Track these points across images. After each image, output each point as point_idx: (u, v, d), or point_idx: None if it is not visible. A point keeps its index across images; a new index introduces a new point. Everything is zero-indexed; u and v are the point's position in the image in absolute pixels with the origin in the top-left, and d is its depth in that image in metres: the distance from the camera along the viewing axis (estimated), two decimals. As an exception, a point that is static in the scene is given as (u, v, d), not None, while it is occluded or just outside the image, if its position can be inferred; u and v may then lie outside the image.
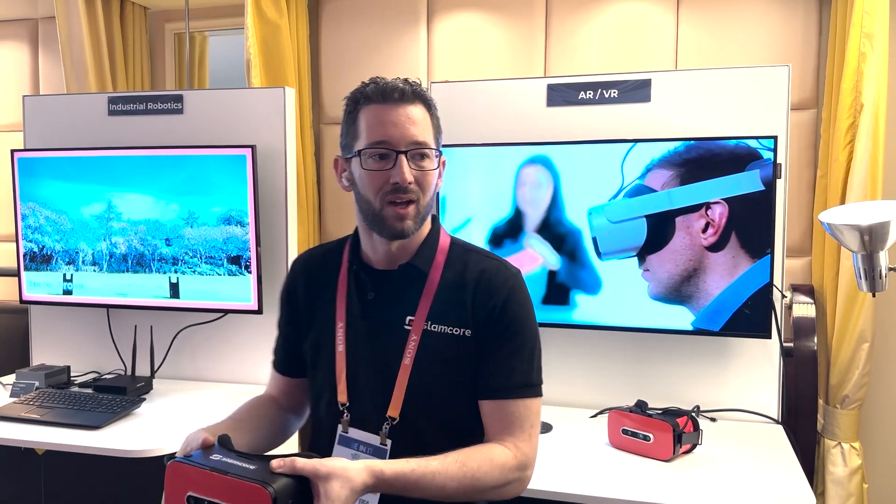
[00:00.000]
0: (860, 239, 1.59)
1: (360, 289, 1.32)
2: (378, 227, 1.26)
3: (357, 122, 1.27)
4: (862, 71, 2.32)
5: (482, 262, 1.32)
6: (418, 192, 1.24)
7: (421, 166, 1.25)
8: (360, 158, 1.25)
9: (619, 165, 2.10)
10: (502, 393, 1.25)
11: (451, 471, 1.14)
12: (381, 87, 1.24)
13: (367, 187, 1.25)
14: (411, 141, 1.23)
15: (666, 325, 2.11)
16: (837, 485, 2.48)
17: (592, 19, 2.83)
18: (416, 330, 1.26)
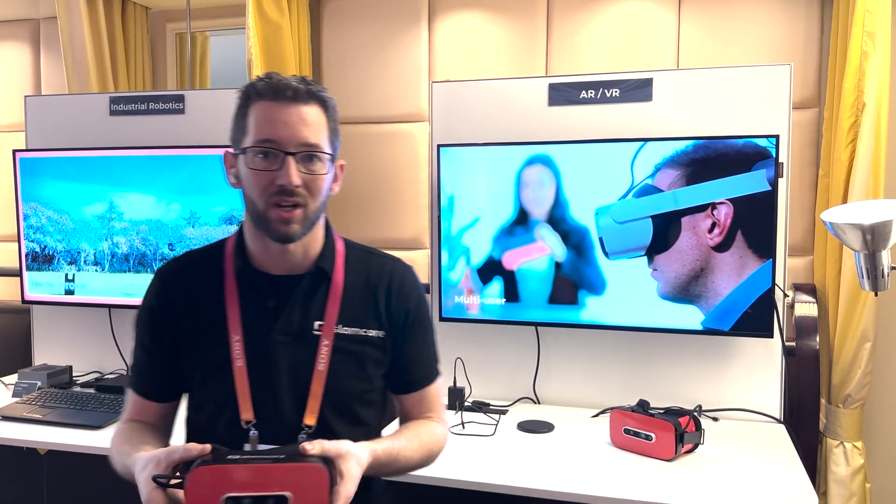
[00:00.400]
0: (862, 238, 1.58)
1: (258, 297, 1.25)
2: (263, 229, 1.21)
3: (246, 117, 1.20)
4: (864, 70, 2.31)
5: (387, 263, 1.35)
6: (306, 196, 1.18)
7: (310, 169, 1.18)
8: (246, 156, 1.19)
9: (629, 165, 2.10)
10: (424, 383, 1.36)
11: (414, 445, 1.25)
12: (274, 84, 1.18)
13: (252, 187, 1.19)
14: (301, 142, 1.17)
15: (674, 324, 2.11)
16: (840, 484, 2.48)
17: (594, 19, 2.82)
18: (326, 335, 1.24)
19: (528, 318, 2.26)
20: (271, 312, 1.24)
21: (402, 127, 3.01)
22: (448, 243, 2.29)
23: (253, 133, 1.18)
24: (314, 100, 1.20)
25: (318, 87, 1.22)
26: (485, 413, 2.24)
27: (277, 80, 1.19)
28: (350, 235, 1.36)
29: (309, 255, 1.27)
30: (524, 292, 2.23)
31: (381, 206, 3.03)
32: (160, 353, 1.29)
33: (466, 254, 2.28)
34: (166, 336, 1.28)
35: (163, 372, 1.30)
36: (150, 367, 1.32)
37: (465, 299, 2.29)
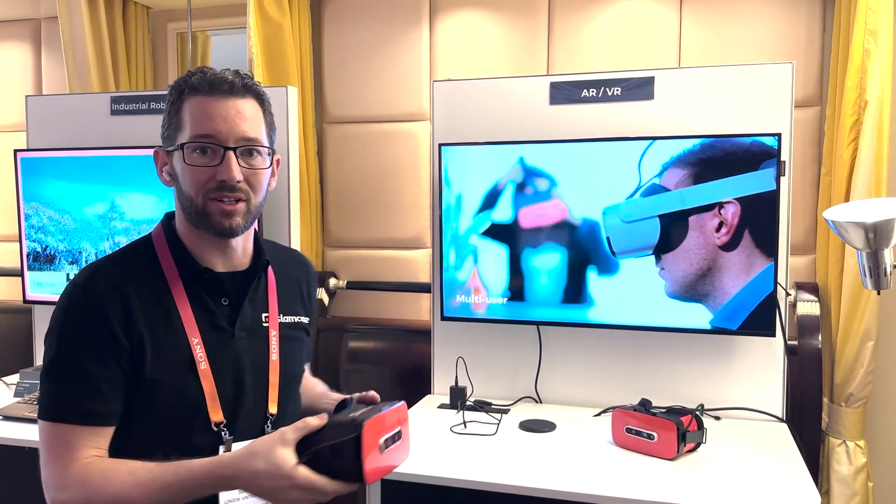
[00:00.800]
0: (865, 236, 1.58)
1: (210, 296, 1.20)
2: (204, 225, 1.17)
3: (181, 112, 1.17)
4: (866, 68, 2.31)
5: (295, 254, 1.46)
6: (248, 191, 1.16)
7: (251, 164, 1.16)
8: (183, 152, 1.15)
9: (636, 164, 2.10)
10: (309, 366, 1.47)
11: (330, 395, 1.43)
12: (209, 78, 1.15)
13: (191, 183, 1.15)
14: (241, 137, 1.15)
15: (680, 324, 2.10)
16: (842, 483, 2.48)
17: (595, 18, 2.82)
18: (273, 325, 1.26)
19: (531, 318, 2.25)
20: (227, 310, 1.22)
21: (403, 126, 3.01)
22: (455, 242, 2.29)
23: (189, 128, 1.15)
24: (250, 93, 1.18)
25: (253, 80, 1.20)
26: (486, 412, 2.24)
27: (212, 73, 1.16)
28: (351, 235, 1.38)
29: (247, 251, 1.27)
30: (530, 291, 2.23)
31: (383, 206, 3.03)
32: (114, 369, 1.12)
33: (474, 253, 2.27)
34: (122, 348, 1.13)
35: (118, 390, 1.13)
36: (105, 388, 1.12)
37: (473, 299, 2.29)
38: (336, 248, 3.15)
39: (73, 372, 1.12)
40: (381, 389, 1.66)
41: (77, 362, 1.12)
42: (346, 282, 3.06)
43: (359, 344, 2.99)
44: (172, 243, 1.22)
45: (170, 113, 1.19)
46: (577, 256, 2.18)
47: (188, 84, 1.17)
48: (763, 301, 2.03)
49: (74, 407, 1.11)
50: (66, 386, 1.12)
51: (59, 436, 1.10)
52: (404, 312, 3.03)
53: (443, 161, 2.29)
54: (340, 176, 3.12)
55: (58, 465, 1.10)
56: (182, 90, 1.17)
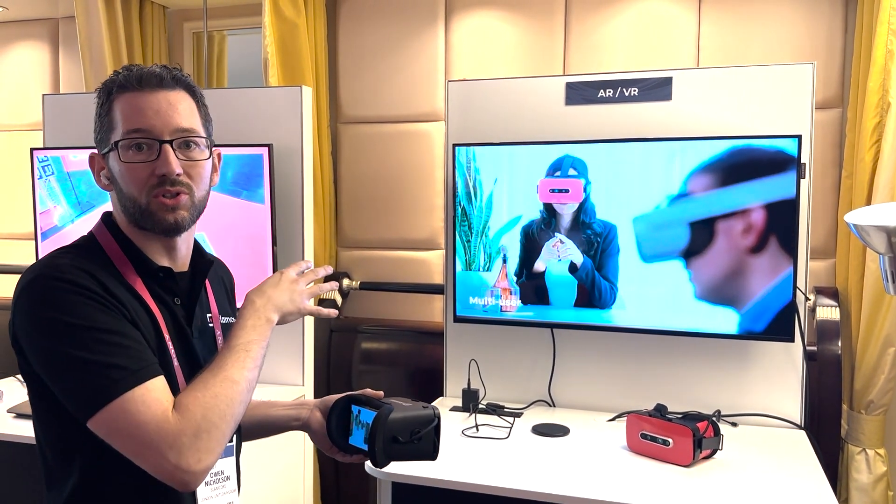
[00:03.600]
0: (887, 240, 1.54)
1: (168, 295, 1.18)
2: (149, 224, 1.13)
3: (112, 112, 1.13)
4: (889, 69, 2.27)
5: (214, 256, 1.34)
6: (189, 184, 1.13)
7: (189, 156, 1.13)
8: (119, 151, 1.11)
9: (664, 168, 2.07)
10: None
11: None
12: (136, 74, 1.13)
13: (130, 182, 1.11)
14: (175, 128, 1.11)
15: (708, 327, 2.08)
16: (862, 492, 2.43)
17: (613, 18, 2.79)
18: (217, 325, 1.26)
19: (550, 319, 2.23)
20: (181, 310, 1.20)
21: (418, 126, 2.99)
22: (483, 243, 2.27)
23: (122, 126, 1.12)
24: (180, 85, 1.15)
25: (182, 73, 1.17)
26: (499, 416, 2.22)
27: (139, 69, 1.14)
28: (364, 235, 1.35)
29: (188, 248, 1.23)
30: (553, 294, 2.21)
31: (396, 206, 3.02)
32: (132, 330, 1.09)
33: (504, 253, 2.26)
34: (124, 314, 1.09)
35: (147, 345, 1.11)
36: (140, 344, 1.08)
37: (502, 301, 2.27)
38: (349, 249, 3.14)
39: (110, 338, 1.04)
40: (393, 390, 1.65)
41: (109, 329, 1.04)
42: (359, 282, 3.05)
43: (372, 345, 2.98)
44: (122, 243, 1.16)
45: (100, 115, 1.16)
46: (601, 259, 2.15)
47: (115, 82, 1.14)
48: (784, 306, 2.00)
49: (137, 365, 1.03)
50: (113, 352, 1.03)
51: (137, 401, 1.00)
52: (417, 314, 3.02)
53: (460, 161, 2.28)
54: (354, 176, 3.11)
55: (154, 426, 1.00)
56: (110, 90, 1.14)
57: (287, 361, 2.49)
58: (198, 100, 1.18)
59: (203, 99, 1.20)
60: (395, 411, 1.18)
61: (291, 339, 2.48)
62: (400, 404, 1.20)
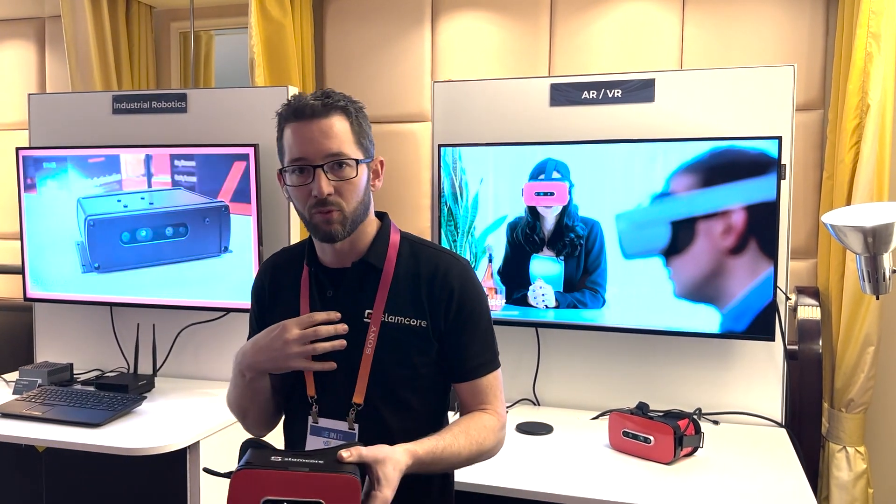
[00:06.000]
0: (864, 241, 1.57)
1: (320, 288, 1.39)
2: (313, 233, 1.35)
3: (282, 140, 1.34)
4: (868, 71, 2.30)
5: (434, 256, 1.40)
6: (339, 201, 1.30)
7: (340, 176, 1.30)
8: (286, 175, 1.33)
9: (645, 168, 2.09)
10: (475, 373, 1.38)
11: (461, 441, 1.29)
12: (294, 107, 1.31)
13: (296, 200, 1.33)
14: (326, 154, 1.28)
15: (690, 325, 2.10)
16: (842, 489, 2.46)
17: (597, 20, 2.81)
18: (374, 321, 1.34)
19: (535, 318, 2.25)
20: (329, 301, 1.37)
21: (404, 127, 3.01)
22: (469, 243, 2.28)
23: (287, 154, 1.32)
24: (333, 111, 1.30)
25: (336, 98, 1.32)
26: (484, 414, 2.23)
27: (296, 102, 1.31)
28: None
29: (357, 249, 1.37)
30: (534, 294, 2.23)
31: (383, 206, 2.99)
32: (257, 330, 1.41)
33: (490, 253, 2.27)
34: (261, 316, 1.46)
35: None
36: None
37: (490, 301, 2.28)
38: (337, 249, 3.15)
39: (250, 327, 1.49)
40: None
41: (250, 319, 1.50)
42: (346, 282, 3.06)
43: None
44: (311, 242, 1.42)
45: (277, 139, 1.36)
46: (586, 263, 2.17)
47: (282, 115, 1.34)
48: (764, 305, 2.02)
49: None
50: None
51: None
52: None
53: (446, 161, 2.29)
54: (341, 176, 3.12)
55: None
56: (280, 121, 1.34)
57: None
58: (352, 120, 1.33)
59: (358, 116, 1.35)
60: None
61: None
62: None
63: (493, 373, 1.40)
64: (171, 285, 2.45)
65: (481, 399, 1.39)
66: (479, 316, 1.39)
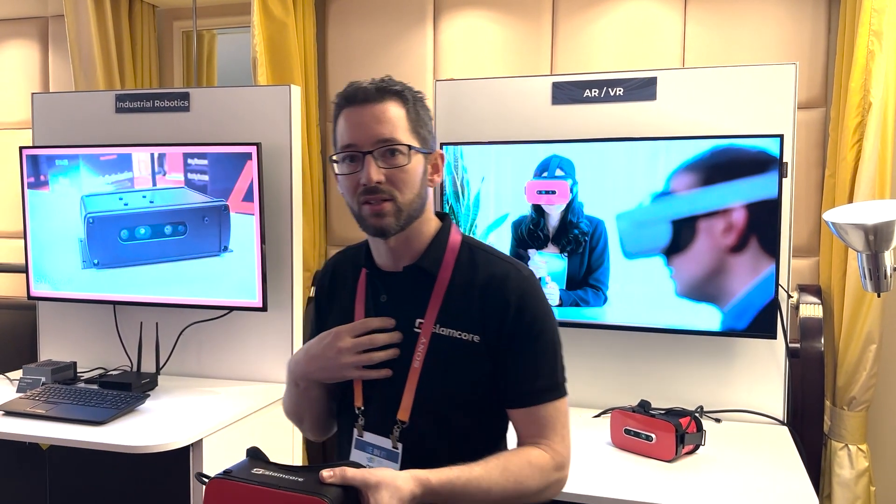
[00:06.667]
0: (865, 238, 1.57)
1: (374, 291, 1.29)
2: (363, 227, 1.25)
3: (336, 128, 1.26)
4: (870, 69, 2.30)
5: (492, 264, 1.26)
6: (391, 189, 1.20)
7: (391, 163, 1.20)
8: (338, 165, 1.25)
9: (646, 167, 2.09)
10: (531, 399, 1.22)
11: (494, 476, 1.14)
12: (348, 91, 1.23)
13: (346, 191, 1.24)
14: (377, 140, 1.19)
15: (691, 324, 2.10)
16: (844, 487, 2.46)
17: (599, 18, 2.82)
18: (425, 333, 1.22)
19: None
20: (382, 307, 1.27)
21: (406, 125, 3.01)
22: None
23: (339, 141, 1.24)
24: (388, 95, 1.22)
25: (391, 83, 1.23)
26: (486, 412, 2.23)
27: (352, 87, 1.23)
28: (354, 234, 1.34)
29: (413, 252, 1.27)
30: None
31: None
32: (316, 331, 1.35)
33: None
34: (321, 317, 1.38)
35: None
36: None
37: None
38: (339, 247, 3.11)
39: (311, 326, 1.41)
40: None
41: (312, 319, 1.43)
42: (348, 281, 3.06)
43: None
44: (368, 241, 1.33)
45: (333, 130, 1.28)
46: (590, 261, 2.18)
47: (336, 101, 1.26)
48: (766, 303, 2.03)
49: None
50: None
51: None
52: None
53: (447, 160, 2.28)
54: (344, 175, 3.12)
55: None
56: (335, 108, 1.26)
57: (275, 359, 2.50)
58: (409, 107, 1.23)
59: (416, 104, 1.25)
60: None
61: (280, 337, 2.49)
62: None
63: (553, 402, 1.23)
64: (174, 284, 2.46)
65: (536, 431, 1.22)
66: (538, 334, 1.23)
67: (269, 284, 2.41)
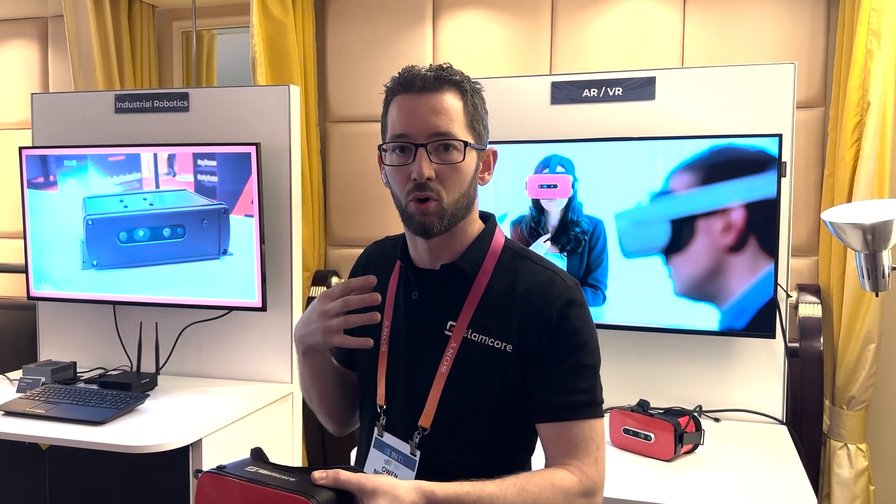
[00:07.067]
0: (863, 238, 1.57)
1: (407, 287, 1.24)
2: (407, 223, 1.19)
3: (387, 115, 1.19)
4: (869, 69, 2.30)
5: (535, 272, 1.19)
6: (438, 189, 1.14)
7: (445, 159, 1.14)
8: (387, 154, 1.18)
9: (645, 167, 2.09)
10: (563, 414, 1.14)
11: (509, 495, 1.05)
12: (404, 77, 1.17)
13: (394, 183, 1.18)
14: (431, 132, 1.13)
15: (689, 323, 2.10)
16: (843, 486, 2.47)
17: (598, 18, 2.82)
18: (455, 337, 1.17)
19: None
20: (415, 304, 1.22)
21: (406, 125, 3.01)
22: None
23: (390, 130, 1.18)
24: (447, 85, 1.17)
25: (451, 72, 1.18)
26: (485, 412, 2.23)
27: (409, 72, 1.17)
28: (353, 234, 1.32)
29: (452, 251, 1.21)
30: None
31: (385, 205, 3.03)
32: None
33: None
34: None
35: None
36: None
37: None
38: (338, 247, 3.15)
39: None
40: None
41: None
42: (348, 280, 3.07)
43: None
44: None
45: (382, 115, 1.22)
46: (589, 261, 2.18)
47: (391, 86, 1.19)
48: (765, 303, 2.03)
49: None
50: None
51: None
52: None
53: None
54: (343, 175, 3.13)
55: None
56: (388, 93, 1.20)
57: (275, 359, 2.51)
58: (466, 99, 1.18)
59: (474, 96, 1.20)
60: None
61: (279, 337, 2.50)
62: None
63: (587, 420, 1.14)
64: (174, 284, 2.46)
65: (565, 450, 1.13)
66: (576, 346, 1.15)
67: (269, 284, 2.41)
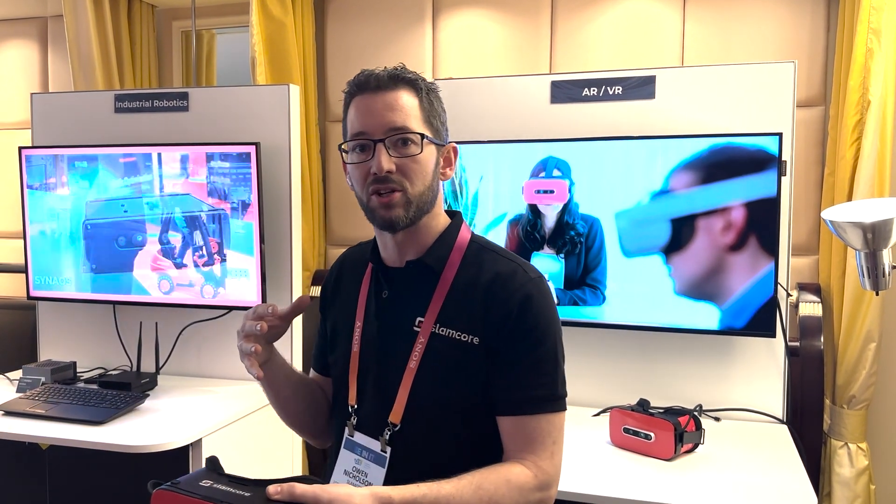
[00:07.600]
0: (863, 237, 1.57)
1: (377, 287, 1.26)
2: (371, 219, 1.21)
3: (346, 117, 1.23)
4: (869, 67, 2.30)
5: (498, 263, 1.20)
6: (402, 180, 1.16)
7: (403, 152, 1.17)
8: (348, 154, 1.22)
9: (645, 166, 2.09)
10: (523, 408, 1.15)
11: (465, 495, 1.06)
12: (359, 79, 1.20)
13: (355, 181, 1.21)
14: (389, 128, 1.17)
15: (689, 322, 2.10)
16: (844, 486, 2.46)
17: (598, 17, 2.81)
18: (424, 332, 1.18)
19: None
20: (385, 303, 1.24)
21: (405, 125, 3.01)
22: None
23: (349, 129, 1.21)
24: (401, 83, 1.20)
25: (405, 71, 1.22)
26: (485, 411, 2.23)
27: (364, 73, 1.21)
28: (353, 233, 1.35)
29: (418, 247, 1.23)
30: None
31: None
32: (322, 329, 1.37)
33: None
34: (325, 314, 1.38)
35: (323, 347, 1.38)
36: (317, 342, 1.41)
37: None
38: (338, 247, 3.15)
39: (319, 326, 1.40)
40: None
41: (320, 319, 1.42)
42: (348, 280, 3.07)
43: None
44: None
45: (343, 119, 1.25)
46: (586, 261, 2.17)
47: (348, 89, 1.23)
48: (765, 302, 2.03)
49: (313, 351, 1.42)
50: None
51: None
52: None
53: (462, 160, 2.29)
54: (343, 174, 3.12)
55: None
56: (346, 97, 1.23)
57: (275, 359, 2.50)
58: (422, 96, 1.22)
59: (429, 94, 1.24)
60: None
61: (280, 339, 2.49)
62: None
63: (546, 415, 1.15)
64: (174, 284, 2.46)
65: (522, 444, 1.14)
66: (539, 339, 1.16)
67: (269, 284, 2.41)
